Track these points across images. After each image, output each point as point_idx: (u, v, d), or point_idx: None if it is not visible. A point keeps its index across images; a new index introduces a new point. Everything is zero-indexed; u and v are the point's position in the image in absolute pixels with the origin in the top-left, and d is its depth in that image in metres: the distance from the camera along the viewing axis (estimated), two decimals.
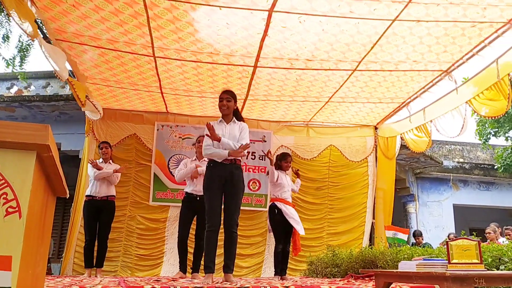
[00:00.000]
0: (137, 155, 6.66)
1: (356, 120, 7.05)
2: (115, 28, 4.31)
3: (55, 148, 1.36)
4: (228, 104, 3.67)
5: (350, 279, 4.00)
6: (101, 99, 6.25)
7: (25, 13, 3.62)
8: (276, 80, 5.45)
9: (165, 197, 6.52)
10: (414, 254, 3.54)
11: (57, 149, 1.45)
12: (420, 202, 11.41)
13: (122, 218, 6.36)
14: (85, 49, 4.79)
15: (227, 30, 4.29)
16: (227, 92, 3.72)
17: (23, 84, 8.12)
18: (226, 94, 3.70)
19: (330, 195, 7.03)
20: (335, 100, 6.12)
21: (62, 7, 3.99)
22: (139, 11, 4.00)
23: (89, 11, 4.02)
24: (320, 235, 6.86)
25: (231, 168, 3.54)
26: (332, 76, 5.31)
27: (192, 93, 5.91)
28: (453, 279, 1.99)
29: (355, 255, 4.39)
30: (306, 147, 7.14)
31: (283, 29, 4.25)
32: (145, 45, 4.63)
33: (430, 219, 11.40)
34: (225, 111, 3.69)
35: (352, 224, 6.94)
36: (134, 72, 5.32)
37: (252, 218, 6.68)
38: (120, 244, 6.29)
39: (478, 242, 2.25)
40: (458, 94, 5.19)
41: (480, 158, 12.29)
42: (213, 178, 3.53)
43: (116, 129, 6.63)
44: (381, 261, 3.82)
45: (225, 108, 3.67)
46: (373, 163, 7.17)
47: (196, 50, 4.70)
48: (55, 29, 4.39)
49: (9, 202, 1.06)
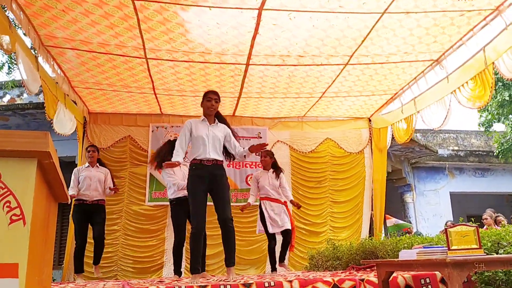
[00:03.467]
0: (132, 156, 6.65)
1: (350, 113, 7.09)
2: (106, 31, 4.31)
3: (55, 154, 1.37)
4: (216, 105, 3.68)
5: (352, 270, 4.04)
6: (94, 102, 6.24)
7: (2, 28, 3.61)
8: (268, 77, 5.46)
9: (162, 196, 6.50)
10: (414, 242, 3.57)
11: (57, 155, 1.45)
12: (417, 192, 11.49)
13: (118, 220, 6.35)
14: (76, 53, 4.77)
15: (218, 29, 4.29)
16: (216, 93, 3.71)
17: (15, 92, 8.07)
18: (215, 94, 3.69)
19: (331, 188, 7.06)
20: (329, 94, 6.15)
21: (52, 13, 3.97)
22: (129, 14, 3.99)
23: (79, 15, 4.01)
24: (323, 230, 6.89)
25: (213, 168, 3.57)
26: (324, 71, 5.33)
27: (185, 93, 5.91)
28: (453, 265, 2.02)
29: (356, 247, 4.43)
30: (303, 141, 7.17)
31: (273, 26, 4.26)
32: (137, 47, 4.62)
33: (427, 208, 11.50)
34: (213, 112, 3.69)
35: (353, 218, 6.99)
36: (127, 74, 5.31)
37: (253, 212, 6.69)
38: (116, 248, 6.25)
39: (476, 227, 2.28)
40: (448, 84, 5.23)
41: (474, 145, 12.39)
42: (197, 179, 3.55)
43: (110, 132, 6.62)
44: (381, 251, 3.86)
45: (213, 109, 3.67)
46: (369, 154, 7.23)
47: (187, 50, 4.70)
48: (46, 35, 4.37)
49: (12, 210, 1.07)
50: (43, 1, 3.80)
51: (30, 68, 4.31)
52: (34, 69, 4.42)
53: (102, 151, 6.45)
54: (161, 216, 6.49)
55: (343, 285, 2.77)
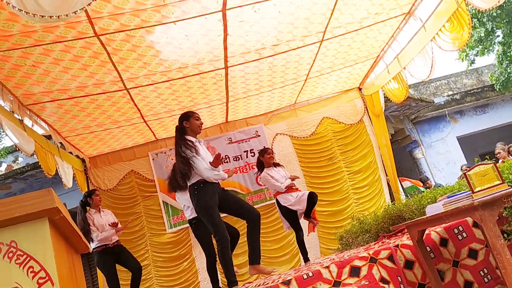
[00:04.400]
0: (140, 189, 6.63)
1: (339, 88, 7.06)
2: (80, 74, 4.28)
3: (64, 208, 1.35)
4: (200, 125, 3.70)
5: (384, 239, 4.01)
6: (89, 146, 6.21)
7: None
8: (250, 74, 5.44)
9: (181, 220, 6.49)
10: (436, 195, 3.55)
11: (66, 209, 1.43)
12: (424, 146, 11.45)
13: (146, 254, 6.35)
14: (57, 104, 4.75)
15: (188, 41, 4.27)
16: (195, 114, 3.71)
17: (10, 158, 8.06)
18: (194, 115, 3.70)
19: (343, 161, 7.03)
20: (313, 75, 6.12)
21: (23, 71, 3.95)
22: (97, 50, 3.97)
23: (50, 65, 3.99)
24: (347, 205, 6.85)
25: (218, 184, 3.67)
26: (303, 53, 5.30)
27: (174, 113, 5.88)
28: (482, 206, 2.00)
29: (381, 216, 4.39)
30: (301, 127, 7.13)
31: (241, 23, 4.23)
32: (114, 81, 4.60)
33: (439, 158, 11.46)
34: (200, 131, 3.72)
35: (374, 185, 6.97)
36: (112, 110, 5.28)
37: (271, 212, 6.67)
38: (152, 282, 6.25)
39: (493, 163, 2.26)
40: (425, 33, 5.20)
41: (468, 85, 12.34)
42: (210, 195, 3.55)
43: (112, 172, 6.60)
44: (407, 212, 3.83)
45: (201, 128, 3.72)
46: (369, 122, 7.21)
47: (164, 70, 4.68)
48: (23, 95, 4.35)
49: (37, 274, 1.05)
50: (11, 62, 3.78)
51: (18, 131, 4.28)
52: (22, 130, 4.40)
53: (110, 192, 6.45)
54: (185, 239, 6.48)
55: (380, 256, 2.75)
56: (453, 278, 2.71)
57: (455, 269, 2.74)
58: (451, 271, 2.73)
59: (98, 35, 3.74)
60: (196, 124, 3.66)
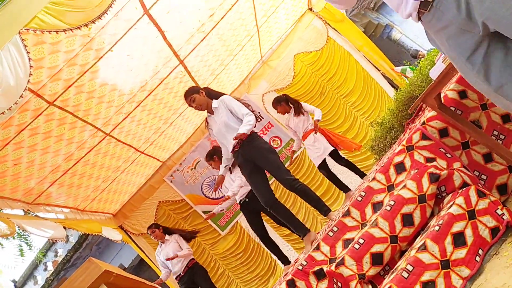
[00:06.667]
0: (176, 214, 6.69)
1: (292, 20, 6.86)
2: (59, 146, 4.22)
3: (114, 267, 1.33)
4: (197, 103, 3.56)
5: (409, 125, 3.97)
6: (108, 204, 6.22)
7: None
8: (206, 54, 5.30)
9: (227, 219, 6.55)
10: (433, 58, 3.47)
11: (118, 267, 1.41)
12: (397, 24, 11.21)
13: (216, 263, 6.49)
14: (58, 184, 4.72)
15: (133, 59, 4.16)
16: (187, 97, 3.60)
17: (51, 255, 8.14)
18: (187, 99, 3.60)
19: (333, 89, 6.94)
20: (262, 22, 5.94)
21: (9, 175, 3.92)
22: (60, 116, 3.91)
23: (29, 155, 3.95)
24: (357, 125, 6.81)
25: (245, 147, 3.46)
26: (240, 7, 5.11)
27: (162, 129, 5.81)
28: None
29: (395, 106, 4.33)
30: (279, 76, 7.00)
31: (168, 15, 4.07)
32: (92, 133, 4.52)
33: (415, 27, 11.22)
34: (201, 108, 3.59)
35: (372, 90, 6.87)
36: (108, 160, 5.24)
37: (299, 165, 6.66)
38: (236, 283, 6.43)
39: None
40: None
41: None
42: (241, 165, 3.55)
43: (143, 213, 6.64)
44: (416, 89, 3.76)
45: (199, 108, 3.59)
46: (337, 35, 7.01)
47: (129, 97, 4.58)
48: (24, 195, 4.33)
49: None
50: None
51: (41, 224, 4.32)
52: (44, 221, 4.43)
53: None
54: (239, 230, 6.55)
55: (414, 141, 2.71)
56: (489, 120, 2.67)
57: (486, 111, 2.69)
58: (484, 116, 2.69)
59: (52, 103, 3.66)
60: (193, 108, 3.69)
